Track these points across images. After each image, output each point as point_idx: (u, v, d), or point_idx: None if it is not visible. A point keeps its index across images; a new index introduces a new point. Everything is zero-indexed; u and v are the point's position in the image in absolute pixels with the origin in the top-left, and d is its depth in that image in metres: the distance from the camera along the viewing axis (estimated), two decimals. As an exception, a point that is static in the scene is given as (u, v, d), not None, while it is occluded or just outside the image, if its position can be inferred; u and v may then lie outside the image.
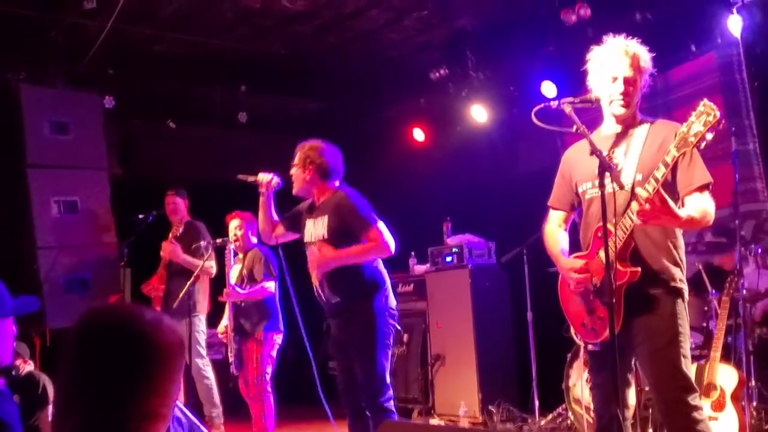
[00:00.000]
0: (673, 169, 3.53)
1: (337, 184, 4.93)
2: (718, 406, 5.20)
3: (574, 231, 4.06)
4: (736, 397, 5.21)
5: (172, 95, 8.67)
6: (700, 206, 3.49)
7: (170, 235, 7.13)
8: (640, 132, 3.71)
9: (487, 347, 7.74)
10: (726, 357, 5.46)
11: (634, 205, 3.41)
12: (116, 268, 7.39)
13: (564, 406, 6.58)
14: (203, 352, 7.14)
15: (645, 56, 3.71)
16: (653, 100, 6.45)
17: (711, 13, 6.25)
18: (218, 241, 6.83)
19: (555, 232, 4.01)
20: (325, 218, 4.73)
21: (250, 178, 5.17)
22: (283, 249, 5.47)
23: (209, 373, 7.13)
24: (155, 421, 1.56)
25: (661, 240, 3.62)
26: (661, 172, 3.35)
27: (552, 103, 3.72)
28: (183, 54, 8.12)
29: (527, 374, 7.24)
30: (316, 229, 4.81)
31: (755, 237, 6.44)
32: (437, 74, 8.36)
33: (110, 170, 7.77)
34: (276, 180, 5.12)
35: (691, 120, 3.26)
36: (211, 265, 7.13)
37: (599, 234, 3.57)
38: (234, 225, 6.71)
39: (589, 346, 3.73)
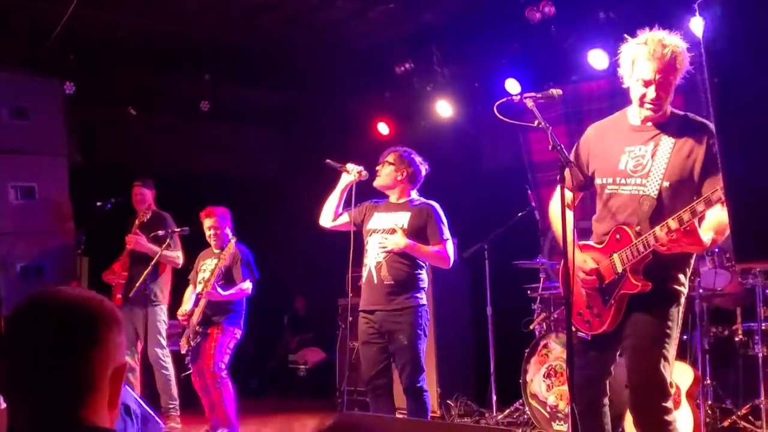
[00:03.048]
0: (703, 168, 3.45)
1: (415, 192, 5.46)
2: (673, 404, 5.26)
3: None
4: (691, 395, 5.28)
5: (134, 82, 8.54)
6: (722, 223, 3.36)
7: (135, 223, 7.04)
8: (670, 133, 3.54)
9: (446, 342, 7.76)
10: (682, 355, 5.53)
11: (660, 232, 3.34)
12: (73, 256, 7.27)
13: (521, 400, 6.62)
14: (163, 342, 7.05)
15: (682, 54, 3.46)
16: (613, 99, 6.50)
17: (674, 14, 6.32)
18: (177, 230, 6.77)
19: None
20: (408, 215, 5.27)
21: (339, 165, 5.41)
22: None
23: (168, 363, 7.05)
24: (97, 391, 1.54)
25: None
26: (701, 207, 3.24)
27: (514, 97, 3.68)
28: (146, 41, 8.01)
29: (485, 369, 7.28)
30: (391, 220, 5.29)
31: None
32: (402, 68, 8.36)
33: (69, 157, 7.65)
34: (365, 172, 5.42)
35: None
36: (177, 255, 7.06)
37: (617, 237, 3.54)
38: (208, 224, 6.57)
39: (580, 333, 3.67)
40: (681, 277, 3.58)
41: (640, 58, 3.48)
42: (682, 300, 3.61)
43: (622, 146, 3.64)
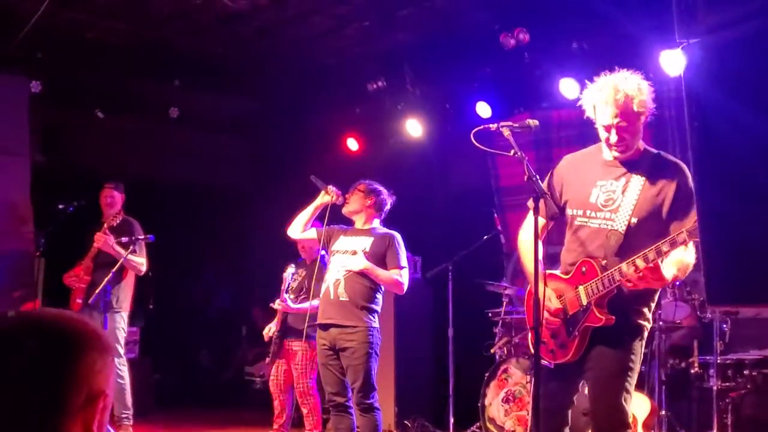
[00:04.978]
0: (672, 206, 3.50)
1: (378, 221, 5.78)
2: (630, 433, 5.30)
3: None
4: (647, 426, 5.33)
5: (103, 84, 8.40)
6: (683, 262, 3.45)
7: (104, 225, 6.90)
8: (641, 170, 3.60)
9: (405, 361, 7.74)
10: (639, 386, 5.56)
11: (626, 269, 3.39)
12: (31, 258, 7.16)
13: (479, 424, 6.62)
14: (121, 350, 6.91)
15: (641, 96, 3.50)
16: (582, 128, 6.54)
17: (645, 49, 6.41)
18: (142, 238, 6.70)
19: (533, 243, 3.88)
20: (371, 240, 5.59)
21: (322, 185, 5.76)
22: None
23: (124, 372, 6.91)
24: (65, 415, 1.49)
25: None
26: (666, 248, 3.30)
27: (491, 125, 3.70)
28: (117, 43, 7.92)
29: (444, 390, 7.27)
30: (357, 243, 5.59)
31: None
32: (374, 86, 8.36)
33: (32, 157, 7.54)
34: (342, 198, 5.75)
35: None
36: (141, 262, 6.94)
37: (583, 269, 3.58)
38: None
39: (543, 362, 3.67)
40: (645, 311, 3.65)
41: (599, 104, 3.57)
42: (645, 334, 3.67)
43: (594, 180, 3.69)
